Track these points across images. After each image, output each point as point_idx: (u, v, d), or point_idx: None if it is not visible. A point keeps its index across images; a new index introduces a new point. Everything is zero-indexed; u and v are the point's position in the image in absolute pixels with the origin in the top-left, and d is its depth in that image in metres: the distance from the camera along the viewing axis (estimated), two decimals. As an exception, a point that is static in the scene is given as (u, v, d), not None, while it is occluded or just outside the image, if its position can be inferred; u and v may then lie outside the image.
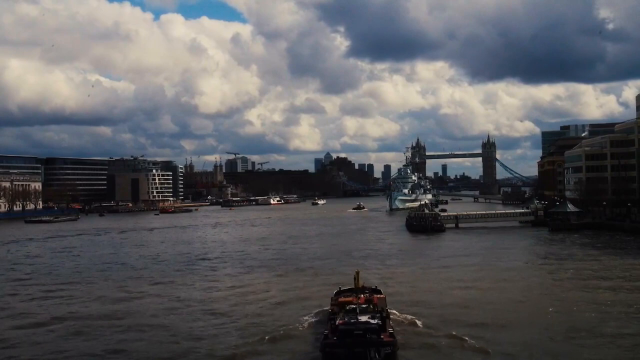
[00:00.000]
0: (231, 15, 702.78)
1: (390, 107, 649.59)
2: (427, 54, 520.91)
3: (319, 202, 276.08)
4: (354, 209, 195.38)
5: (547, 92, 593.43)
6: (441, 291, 47.24)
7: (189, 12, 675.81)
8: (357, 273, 36.74)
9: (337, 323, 29.25)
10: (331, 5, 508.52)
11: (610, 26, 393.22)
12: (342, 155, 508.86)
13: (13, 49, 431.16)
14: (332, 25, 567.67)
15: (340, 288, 38.17)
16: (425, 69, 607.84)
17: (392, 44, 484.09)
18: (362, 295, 34.16)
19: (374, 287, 38.16)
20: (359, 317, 29.51)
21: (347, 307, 31.84)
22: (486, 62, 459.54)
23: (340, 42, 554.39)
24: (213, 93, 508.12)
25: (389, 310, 33.27)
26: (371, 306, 32.15)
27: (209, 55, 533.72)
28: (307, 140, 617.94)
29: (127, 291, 50.36)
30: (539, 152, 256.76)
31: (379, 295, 35.35)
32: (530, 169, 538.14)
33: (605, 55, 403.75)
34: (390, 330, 29.41)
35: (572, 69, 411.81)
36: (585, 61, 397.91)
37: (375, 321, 28.91)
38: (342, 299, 34.30)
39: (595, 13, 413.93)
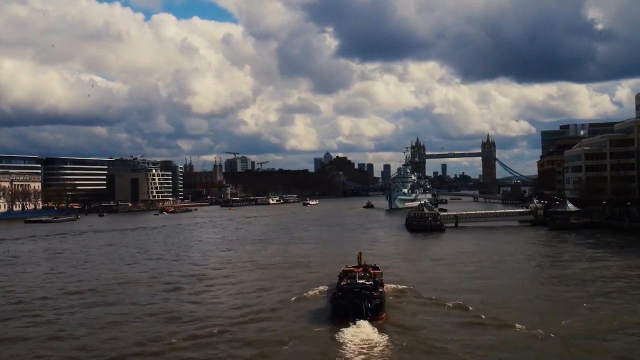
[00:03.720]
0: (222, 15, 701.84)
1: (384, 106, 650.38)
2: (417, 54, 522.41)
3: (311, 202, 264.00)
4: (364, 207, 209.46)
5: (539, 92, 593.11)
6: (433, 276, 55.37)
7: (180, 13, 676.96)
8: (360, 254, 48.48)
9: (341, 284, 40.36)
10: (318, 5, 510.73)
11: (600, 26, 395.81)
12: (340, 154, 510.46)
13: (5, 49, 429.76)
14: (321, 26, 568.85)
15: (347, 266, 47.28)
16: (417, 68, 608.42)
17: (381, 44, 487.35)
18: (361, 268, 44.90)
19: (373, 265, 48.03)
20: (358, 281, 40.06)
21: (350, 274, 42.47)
22: (476, 62, 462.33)
23: (329, 42, 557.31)
24: (207, 93, 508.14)
25: (383, 281, 44.17)
26: (367, 274, 42.63)
27: (201, 55, 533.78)
28: (303, 140, 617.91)
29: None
30: (536, 152, 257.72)
31: (376, 271, 45.62)
32: (528, 169, 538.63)
33: (597, 55, 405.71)
34: (381, 290, 40.15)
35: (564, 69, 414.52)
36: (576, 61, 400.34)
37: (369, 283, 39.68)
38: (346, 269, 45.16)
39: (584, 13, 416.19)
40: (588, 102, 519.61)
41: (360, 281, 39.82)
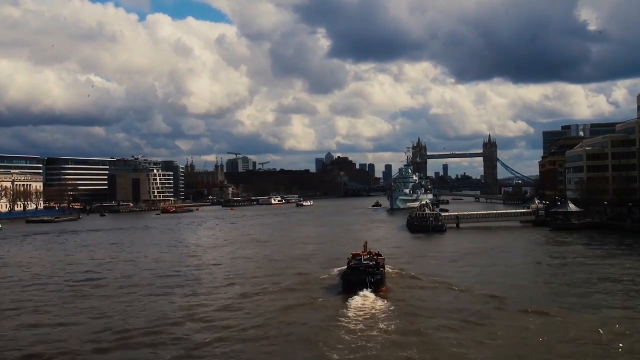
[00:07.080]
0: (217, 16, 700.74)
1: (380, 107, 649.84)
2: (410, 54, 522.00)
3: (305, 203, 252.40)
4: (373, 205, 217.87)
5: (535, 93, 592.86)
6: (429, 265, 62.05)
7: (175, 14, 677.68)
8: (366, 243, 57.61)
9: (350, 264, 49.55)
10: (309, 7, 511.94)
11: (593, 27, 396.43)
12: (340, 154, 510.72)
13: (0, 49, 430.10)
14: (313, 27, 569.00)
15: (355, 251, 54.92)
16: (412, 69, 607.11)
17: (374, 45, 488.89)
18: (366, 252, 53.28)
19: (377, 252, 55.27)
20: (363, 261, 48.94)
21: (357, 257, 51.07)
22: (470, 62, 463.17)
23: (322, 42, 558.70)
24: (203, 93, 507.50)
25: (385, 265, 51.84)
26: (371, 257, 51.14)
27: (196, 55, 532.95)
28: (301, 140, 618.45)
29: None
30: (535, 152, 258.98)
31: (379, 257, 52.82)
32: (527, 169, 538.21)
33: (591, 55, 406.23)
34: (382, 269, 48.79)
35: (559, 69, 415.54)
36: (571, 62, 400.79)
37: (372, 263, 48.63)
38: (354, 253, 53.34)
39: (576, 14, 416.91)
40: (584, 103, 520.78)
41: (365, 262, 48.65)
